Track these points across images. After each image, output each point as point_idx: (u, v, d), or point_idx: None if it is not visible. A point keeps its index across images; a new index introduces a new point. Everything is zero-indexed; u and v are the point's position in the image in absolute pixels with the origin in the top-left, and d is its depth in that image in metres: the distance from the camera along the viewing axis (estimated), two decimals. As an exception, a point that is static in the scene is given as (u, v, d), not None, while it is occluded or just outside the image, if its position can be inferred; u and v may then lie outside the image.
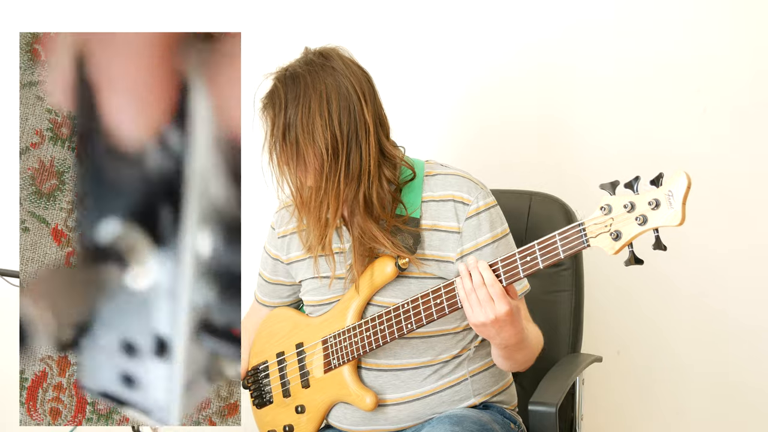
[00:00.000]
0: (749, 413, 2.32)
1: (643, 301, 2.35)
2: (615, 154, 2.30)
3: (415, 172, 1.70)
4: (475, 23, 2.37)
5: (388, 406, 1.72)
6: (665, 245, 1.35)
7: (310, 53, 1.66)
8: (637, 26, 2.28)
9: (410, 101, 2.43)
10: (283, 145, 1.62)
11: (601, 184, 1.38)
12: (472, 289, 1.52)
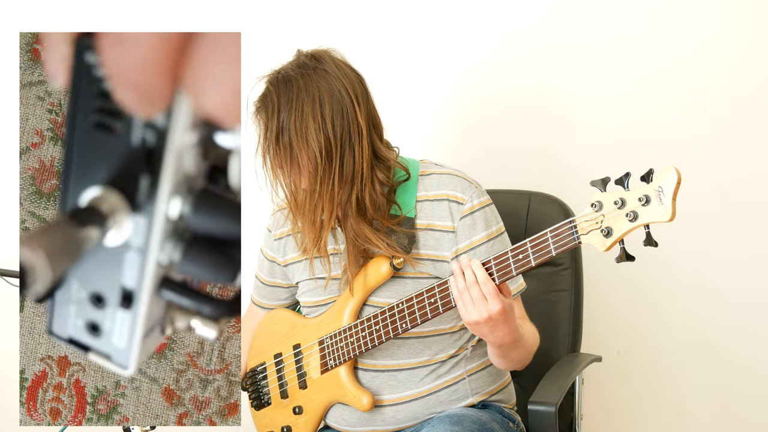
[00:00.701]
0: (749, 413, 2.31)
1: (643, 300, 2.35)
2: (615, 154, 2.30)
3: (409, 172, 1.70)
4: (475, 23, 2.37)
5: (385, 406, 1.72)
6: (656, 241, 1.34)
7: (302, 56, 1.66)
8: (637, 26, 2.27)
9: (409, 101, 2.43)
10: (276, 148, 1.62)
11: (591, 181, 1.38)
12: (465, 288, 1.52)
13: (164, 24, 2.50)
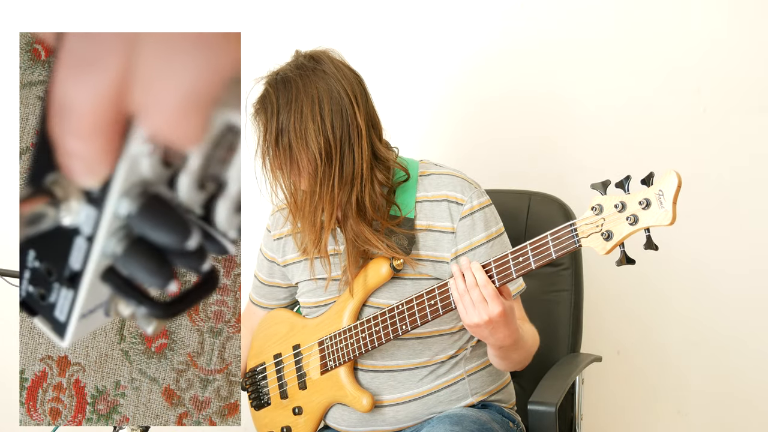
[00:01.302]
0: (749, 413, 2.31)
1: (643, 301, 2.34)
2: (615, 154, 2.30)
3: (408, 173, 1.70)
4: (474, 23, 2.37)
5: (385, 407, 1.72)
6: (656, 245, 1.34)
7: (300, 56, 1.65)
8: (637, 26, 2.27)
9: (409, 100, 2.43)
10: (276, 150, 1.62)
11: (592, 184, 1.38)
12: (465, 291, 1.51)
13: (164, 24, 2.50)
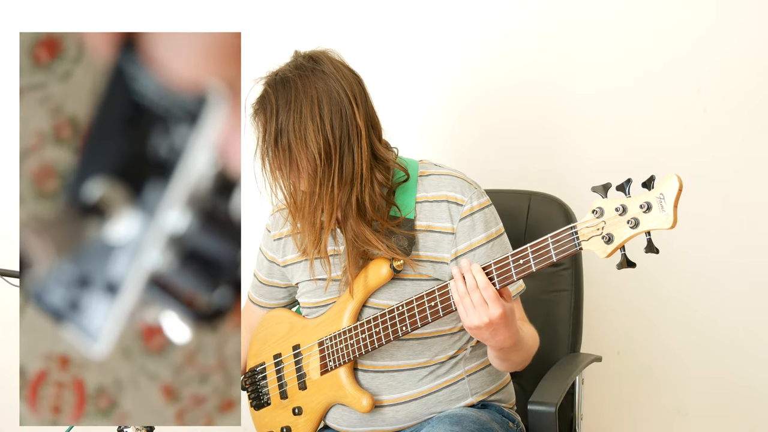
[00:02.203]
0: (749, 413, 2.31)
1: (643, 300, 2.34)
2: (615, 154, 2.30)
3: (408, 173, 1.70)
4: (474, 21, 2.37)
5: (384, 407, 1.72)
6: (657, 248, 1.34)
7: (300, 57, 1.65)
8: (637, 26, 2.27)
9: (407, 100, 2.43)
10: (275, 150, 1.62)
11: (593, 187, 1.38)
12: (465, 293, 1.51)
13: (164, 24, 2.50)
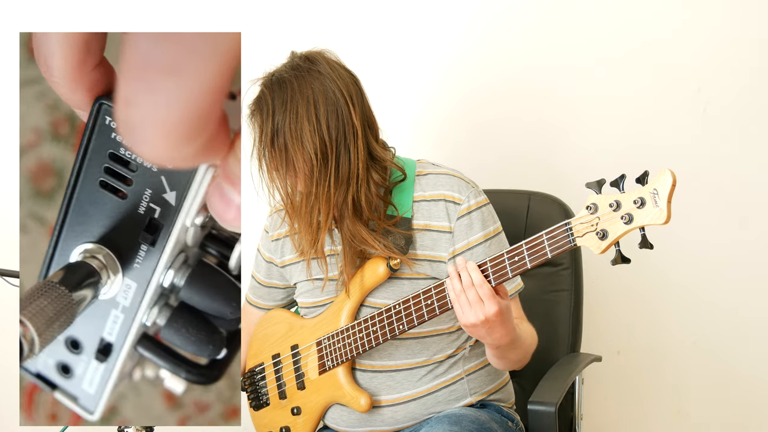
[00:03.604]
0: (749, 413, 2.31)
1: (643, 300, 2.34)
2: (615, 153, 2.30)
3: (405, 172, 1.70)
4: (473, 24, 2.37)
5: (383, 407, 1.72)
6: (651, 244, 1.34)
7: (296, 57, 1.65)
8: (637, 26, 2.27)
9: (407, 101, 2.43)
10: (272, 151, 1.62)
11: (587, 183, 1.38)
12: (461, 290, 1.51)
13: (164, 24, 2.50)
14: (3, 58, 2.54)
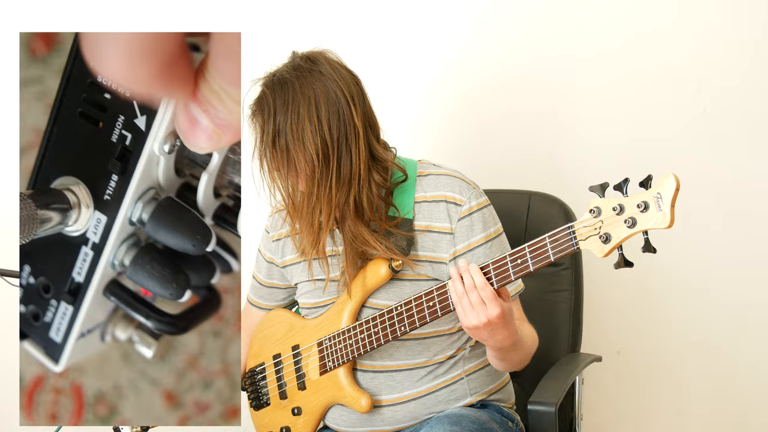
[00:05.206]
0: (749, 413, 2.31)
1: (643, 300, 2.34)
2: (615, 153, 2.30)
3: (406, 173, 1.70)
4: (473, 24, 2.37)
5: (384, 407, 1.72)
6: (655, 248, 1.34)
7: (297, 57, 1.65)
8: (637, 26, 2.27)
9: (407, 101, 2.43)
10: (273, 151, 1.62)
11: (590, 186, 1.38)
12: (463, 293, 1.51)
13: (164, 24, 2.49)
14: (3, 58, 2.54)
